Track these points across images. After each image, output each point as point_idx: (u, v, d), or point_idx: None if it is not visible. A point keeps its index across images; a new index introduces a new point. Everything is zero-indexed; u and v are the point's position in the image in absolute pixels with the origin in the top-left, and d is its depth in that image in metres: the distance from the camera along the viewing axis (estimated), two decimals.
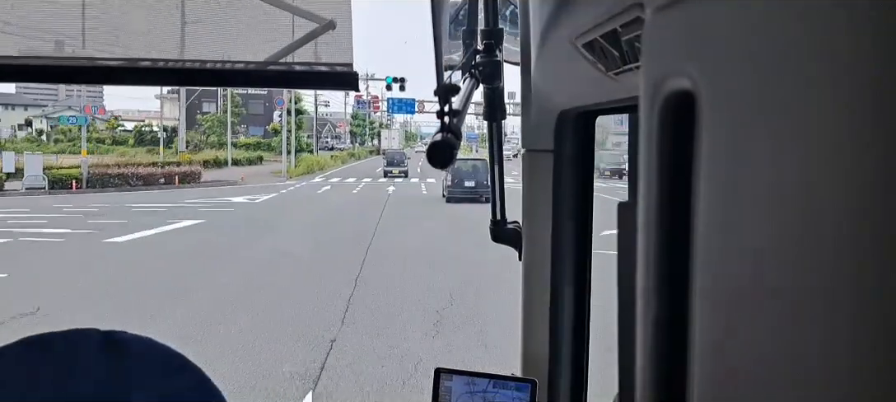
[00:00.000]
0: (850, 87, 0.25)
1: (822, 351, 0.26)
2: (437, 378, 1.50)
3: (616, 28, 0.79)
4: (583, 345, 1.56)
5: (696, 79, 0.34)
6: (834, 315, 0.25)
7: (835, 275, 0.25)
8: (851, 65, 0.25)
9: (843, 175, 0.25)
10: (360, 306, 8.70)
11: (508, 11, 1.64)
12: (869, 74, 0.24)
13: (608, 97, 1.13)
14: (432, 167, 0.87)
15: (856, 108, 0.25)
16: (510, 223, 1.69)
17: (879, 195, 0.24)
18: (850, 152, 0.25)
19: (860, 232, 0.24)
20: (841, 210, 0.25)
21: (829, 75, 0.26)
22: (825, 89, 0.26)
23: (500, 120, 1.58)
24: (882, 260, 0.24)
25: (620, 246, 1.13)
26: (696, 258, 0.34)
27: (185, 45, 1.33)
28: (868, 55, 0.24)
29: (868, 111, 0.24)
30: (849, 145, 0.25)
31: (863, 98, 0.25)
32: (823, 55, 0.26)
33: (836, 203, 0.26)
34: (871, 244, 0.24)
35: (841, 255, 0.25)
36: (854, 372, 0.25)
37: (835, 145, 0.26)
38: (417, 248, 13.14)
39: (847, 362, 0.25)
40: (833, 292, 0.26)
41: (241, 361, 6.64)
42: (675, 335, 0.36)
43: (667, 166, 0.37)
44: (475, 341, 7.35)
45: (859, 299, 0.24)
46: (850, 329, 0.25)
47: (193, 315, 8.27)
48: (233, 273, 10.96)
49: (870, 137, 0.24)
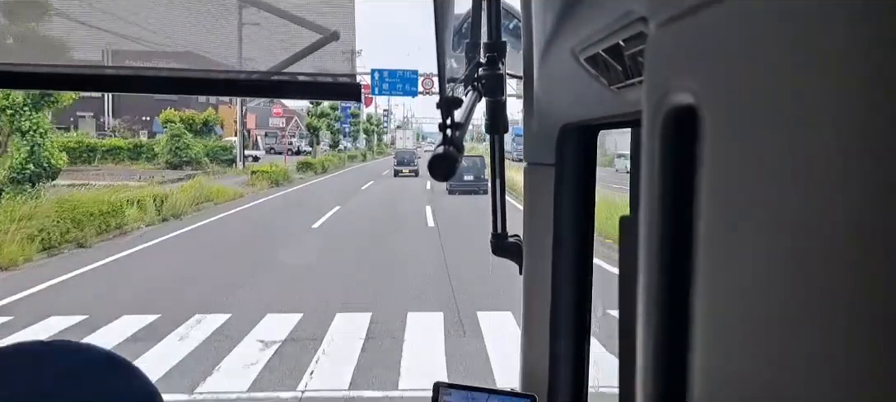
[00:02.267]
0: (854, 101, 0.25)
1: (823, 366, 0.26)
2: (435, 393, 1.49)
3: (619, 42, 0.80)
4: (583, 360, 1.55)
5: (699, 93, 0.34)
6: (836, 329, 0.25)
7: (838, 289, 0.25)
8: (855, 80, 0.25)
9: (847, 189, 0.25)
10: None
11: (511, 25, 1.65)
12: (873, 88, 0.24)
13: (610, 111, 1.13)
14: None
15: (859, 122, 0.25)
16: (511, 237, 1.69)
17: (884, 210, 0.24)
18: (853, 167, 0.25)
19: (864, 246, 0.24)
20: (844, 224, 0.25)
21: (832, 89, 0.26)
22: (828, 104, 0.26)
23: (502, 133, 1.58)
24: (888, 276, 0.23)
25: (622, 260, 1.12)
26: (698, 273, 0.34)
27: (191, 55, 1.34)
28: (872, 69, 0.24)
29: (871, 126, 0.24)
30: (852, 160, 0.25)
31: (867, 113, 0.25)
32: (826, 69, 0.26)
33: (839, 217, 0.25)
34: (875, 258, 0.24)
35: (844, 269, 0.25)
36: (857, 383, 0.25)
37: (838, 160, 0.26)
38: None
39: (849, 374, 0.25)
40: (836, 306, 0.25)
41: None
42: (676, 350, 0.36)
43: (669, 181, 0.37)
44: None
45: (862, 314, 0.24)
46: (853, 343, 0.25)
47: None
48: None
49: (874, 151, 0.24)
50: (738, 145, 0.31)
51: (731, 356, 0.32)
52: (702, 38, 0.35)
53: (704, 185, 0.34)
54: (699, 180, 0.34)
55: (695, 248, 0.34)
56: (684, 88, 0.36)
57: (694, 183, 0.34)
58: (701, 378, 0.34)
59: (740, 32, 0.32)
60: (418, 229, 15.87)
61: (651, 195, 0.38)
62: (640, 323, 0.39)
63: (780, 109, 0.29)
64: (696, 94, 0.34)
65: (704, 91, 0.34)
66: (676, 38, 0.38)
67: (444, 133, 0.90)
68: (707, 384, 0.33)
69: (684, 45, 0.37)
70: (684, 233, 0.35)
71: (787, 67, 0.28)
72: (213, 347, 7.10)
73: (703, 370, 0.33)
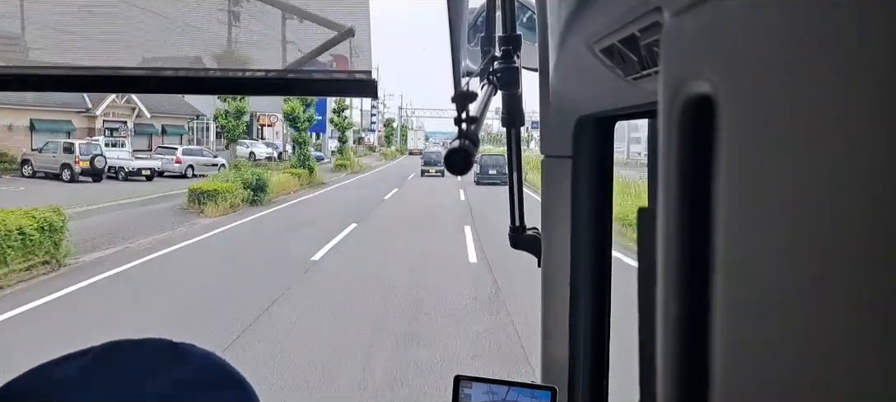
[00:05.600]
0: (874, 89, 0.25)
1: (847, 357, 0.26)
2: (456, 386, 1.50)
3: (634, 33, 0.79)
4: (603, 352, 1.55)
5: (716, 83, 0.34)
6: (860, 320, 0.25)
7: (860, 279, 0.25)
8: (875, 66, 0.25)
9: (868, 178, 0.25)
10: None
11: (526, 17, 1.64)
12: (894, 75, 0.24)
13: (627, 102, 1.13)
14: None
15: (880, 111, 0.24)
16: (529, 230, 1.68)
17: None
18: (874, 155, 0.25)
19: (887, 236, 0.24)
20: (866, 214, 0.25)
21: (850, 77, 0.26)
22: (847, 92, 0.26)
23: (519, 126, 1.58)
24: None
25: (640, 252, 1.12)
26: (718, 263, 0.34)
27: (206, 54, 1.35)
28: (892, 56, 0.24)
29: (894, 113, 0.24)
30: (873, 148, 0.25)
31: (888, 101, 0.24)
32: (845, 57, 0.26)
33: (860, 207, 0.25)
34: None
35: (866, 259, 0.25)
36: (882, 377, 0.24)
37: (858, 148, 0.25)
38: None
39: (873, 367, 0.25)
40: (858, 296, 0.25)
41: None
42: (696, 341, 0.35)
43: (687, 171, 0.37)
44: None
45: (886, 304, 0.24)
46: (877, 333, 0.24)
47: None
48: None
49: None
50: (757, 135, 0.31)
51: (753, 349, 0.31)
52: (718, 27, 0.35)
53: (723, 175, 0.33)
54: (718, 171, 0.34)
55: (714, 239, 0.34)
56: (701, 78, 0.35)
57: (712, 174, 0.34)
58: (722, 372, 0.33)
59: (757, 20, 0.32)
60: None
61: (669, 187, 0.38)
62: (660, 315, 0.39)
63: (801, 98, 0.29)
64: (714, 83, 0.34)
65: (722, 80, 0.34)
66: (692, 27, 0.38)
67: (460, 127, 0.90)
68: (729, 378, 0.33)
69: (701, 35, 0.37)
70: (704, 224, 0.35)
71: (807, 56, 0.28)
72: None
73: (725, 364, 0.33)
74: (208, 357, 0.84)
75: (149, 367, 0.80)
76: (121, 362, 0.80)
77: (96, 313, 8.90)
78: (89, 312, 8.95)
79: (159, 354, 0.82)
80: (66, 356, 0.80)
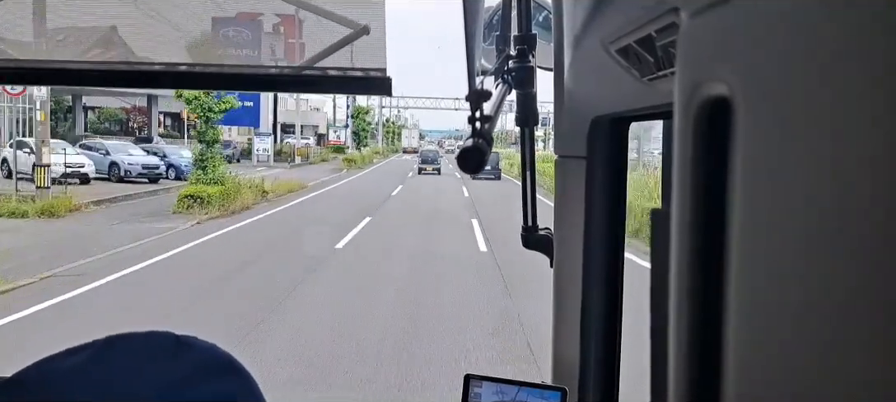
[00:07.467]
0: (890, 90, 0.24)
1: (863, 360, 0.25)
2: (466, 385, 1.50)
3: (651, 33, 0.79)
4: (614, 353, 1.54)
5: (732, 84, 0.34)
6: (874, 323, 0.25)
7: (875, 282, 0.25)
8: (890, 67, 0.24)
9: (883, 180, 0.25)
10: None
11: (541, 17, 1.64)
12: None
13: (642, 103, 1.12)
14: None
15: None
16: (542, 230, 1.68)
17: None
18: (890, 157, 0.24)
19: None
20: (881, 215, 0.25)
21: (866, 78, 0.25)
22: (862, 93, 0.26)
23: (533, 126, 1.57)
24: None
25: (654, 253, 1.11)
26: (732, 265, 0.33)
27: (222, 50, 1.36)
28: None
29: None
30: (889, 150, 0.24)
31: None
32: (860, 58, 0.26)
33: (875, 208, 0.25)
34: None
35: (882, 262, 0.25)
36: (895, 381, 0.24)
37: (873, 150, 0.25)
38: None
39: (888, 371, 0.24)
40: (873, 302, 0.25)
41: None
42: (709, 342, 0.35)
43: (702, 173, 0.37)
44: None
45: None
46: (892, 339, 0.24)
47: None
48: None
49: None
50: (774, 137, 0.31)
51: (766, 351, 0.31)
52: (735, 28, 0.35)
53: (739, 177, 0.33)
54: (733, 173, 0.33)
55: (728, 242, 0.34)
56: (718, 79, 0.35)
57: (728, 175, 0.34)
58: (735, 374, 0.33)
59: (772, 22, 0.31)
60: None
61: (683, 188, 0.38)
62: (673, 317, 0.39)
63: (818, 100, 0.28)
64: (730, 85, 0.34)
65: (738, 82, 0.34)
66: (709, 28, 0.38)
67: (474, 126, 0.90)
68: (741, 380, 0.33)
69: (717, 36, 0.37)
70: (718, 227, 0.35)
71: (824, 57, 0.28)
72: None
73: (737, 366, 0.33)
74: (211, 350, 0.85)
75: (152, 359, 0.81)
76: (124, 354, 0.82)
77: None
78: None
79: (162, 346, 0.83)
80: (70, 349, 0.81)
